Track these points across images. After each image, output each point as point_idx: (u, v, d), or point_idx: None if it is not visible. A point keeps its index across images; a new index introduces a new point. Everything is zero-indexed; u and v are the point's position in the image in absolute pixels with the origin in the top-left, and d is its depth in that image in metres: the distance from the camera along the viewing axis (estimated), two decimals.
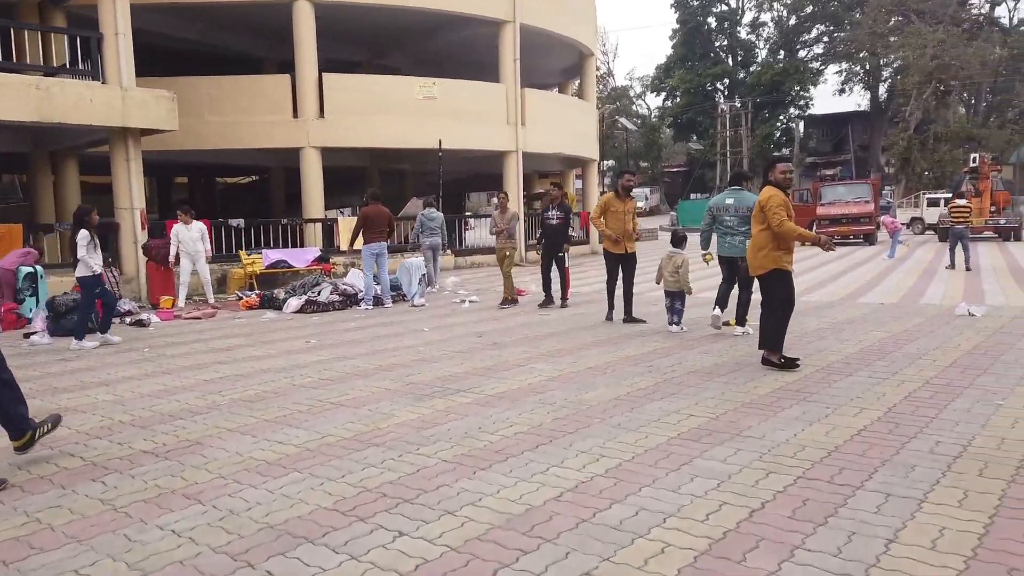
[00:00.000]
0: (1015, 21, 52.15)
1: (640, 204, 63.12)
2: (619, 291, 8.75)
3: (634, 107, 71.89)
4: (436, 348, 7.25)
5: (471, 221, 24.92)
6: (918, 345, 6.68)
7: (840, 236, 24.63)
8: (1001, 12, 52.93)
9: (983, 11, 51.84)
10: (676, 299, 7.89)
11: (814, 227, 24.81)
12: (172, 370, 6.50)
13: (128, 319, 9.60)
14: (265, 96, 16.59)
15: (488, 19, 18.59)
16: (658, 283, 8.22)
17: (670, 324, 7.88)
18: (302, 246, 16.01)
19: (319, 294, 10.14)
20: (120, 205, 12.93)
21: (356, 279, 10.85)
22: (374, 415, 4.77)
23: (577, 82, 26.69)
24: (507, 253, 10.64)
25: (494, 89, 18.94)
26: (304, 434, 4.37)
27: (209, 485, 3.56)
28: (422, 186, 31.57)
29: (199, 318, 9.87)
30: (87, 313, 8.04)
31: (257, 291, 11.94)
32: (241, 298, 11.47)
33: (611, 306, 8.81)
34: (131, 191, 13.30)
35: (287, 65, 17.35)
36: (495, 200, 20.69)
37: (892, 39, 49.05)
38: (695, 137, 65.38)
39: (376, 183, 23.78)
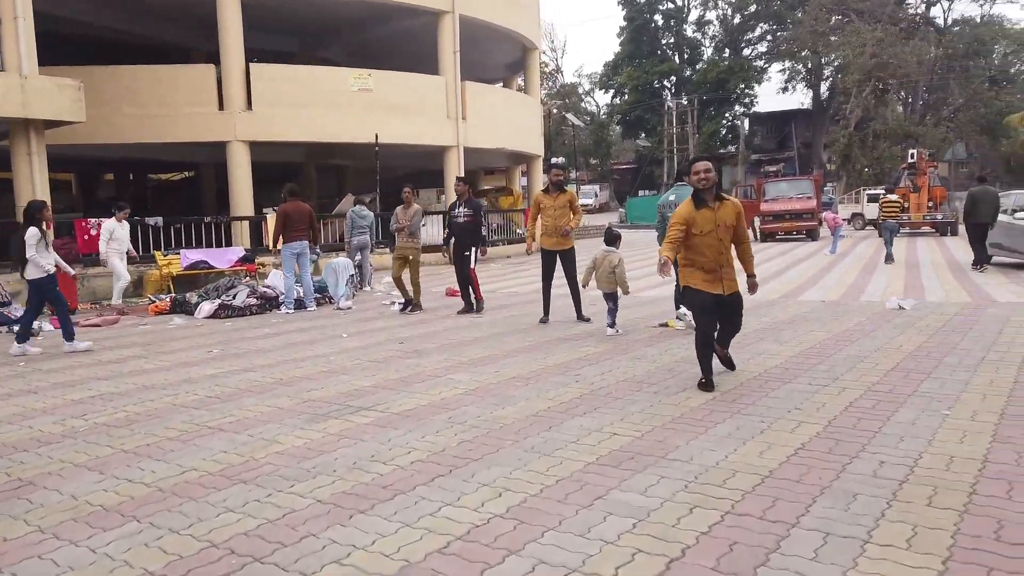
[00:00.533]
0: (949, 21, 53.75)
1: (588, 201, 63.14)
2: (564, 291, 8.30)
3: (583, 104, 71.93)
4: (350, 357, 6.64)
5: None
6: (860, 347, 6.34)
7: (783, 232, 24.73)
8: (936, 12, 54.31)
9: (919, 11, 53.22)
10: (610, 299, 7.45)
11: (757, 223, 24.86)
12: (40, 388, 5.74)
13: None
14: (188, 87, 15.66)
15: (426, 9, 17.95)
16: (584, 285, 7.80)
17: (609, 327, 7.44)
18: (230, 245, 15.15)
19: (234, 297, 9.40)
20: (23, 203, 11.95)
21: (277, 281, 10.14)
22: (253, 442, 4.15)
23: (523, 77, 26.20)
24: (409, 255, 9.52)
25: (433, 82, 18.31)
26: (163, 468, 3.74)
27: (16, 544, 2.91)
28: (363, 182, 30.70)
29: (98, 325, 9.03)
30: (31, 318, 7.48)
31: (172, 294, 11.12)
32: (153, 302, 10.64)
33: (546, 308, 8.34)
34: (34, 187, 12.33)
35: (218, 56, 16.47)
36: (446, 195, 20.06)
37: (833, 38, 49.92)
38: (643, 134, 65.70)
39: (313, 179, 22.97)
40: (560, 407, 4.69)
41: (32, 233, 7.27)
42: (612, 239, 7.55)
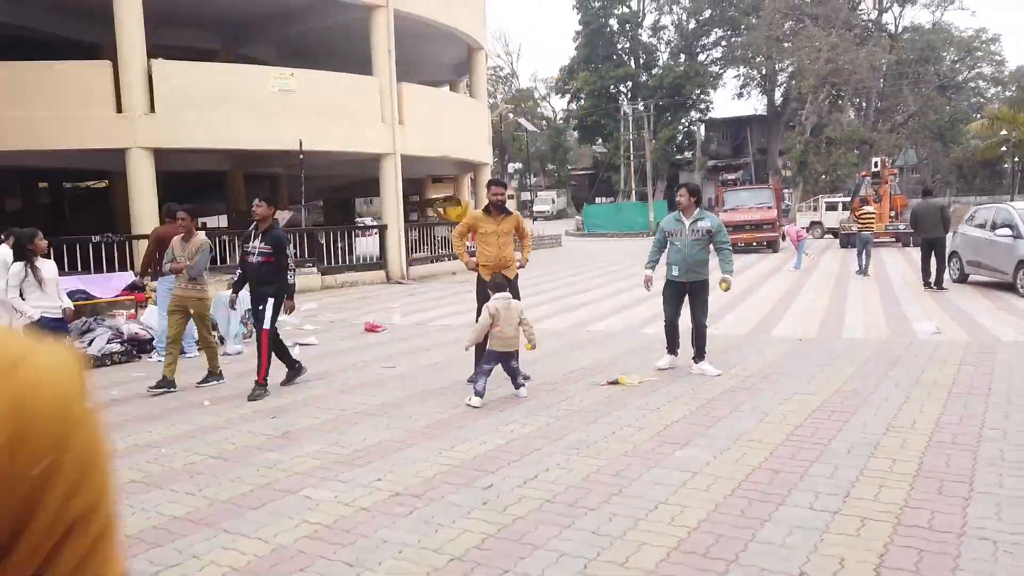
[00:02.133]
0: (900, 28, 53.98)
1: (545, 208, 61.99)
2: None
3: (539, 109, 70.80)
4: (189, 446, 5.00)
5: (357, 232, 22.47)
6: (865, 427, 4.97)
7: (744, 243, 23.67)
8: (888, 19, 54.55)
9: (871, 17, 53.35)
10: (512, 359, 5.91)
11: None
12: None
13: None
14: (80, 87, 13.76)
15: (357, 2, 16.32)
16: (467, 348, 6.20)
17: (522, 386, 5.97)
18: (130, 268, 13.29)
19: (90, 344, 7.66)
20: None
21: (153, 319, 8.42)
22: None
23: (470, 80, 24.69)
24: (191, 307, 6.65)
25: (366, 83, 16.68)
26: None
27: None
28: (309, 191, 28.91)
29: None
30: None
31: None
32: None
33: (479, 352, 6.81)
34: None
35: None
36: (383, 208, 18.32)
37: (787, 44, 49.63)
38: (600, 140, 64.81)
39: (240, 190, 21.12)
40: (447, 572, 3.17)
41: (16, 271, 5.77)
42: (500, 286, 5.96)
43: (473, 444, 4.67)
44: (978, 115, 55.99)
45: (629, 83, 61.97)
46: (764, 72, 57.55)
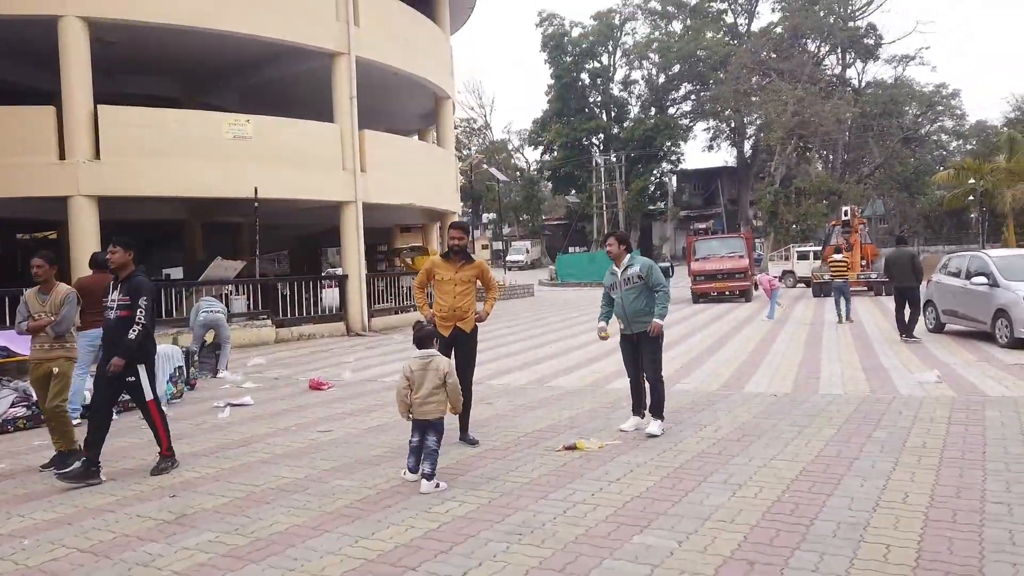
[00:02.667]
0: (863, 84, 55.39)
1: (520, 258, 61.72)
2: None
3: (513, 161, 71.25)
4: (37, 554, 4.25)
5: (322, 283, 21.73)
6: (853, 503, 4.36)
7: (716, 292, 23.32)
8: (851, 74, 56.01)
9: (836, 72, 54.73)
10: (431, 431, 4.84)
11: (690, 282, 23.47)
12: None
13: None
14: (20, 132, 13.12)
15: (318, 50, 15.98)
16: (406, 417, 4.93)
17: (427, 479, 4.74)
18: None
19: None
20: None
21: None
22: None
23: (437, 128, 24.44)
24: (53, 368, 5.59)
25: (326, 130, 16.22)
26: None
27: None
28: (266, 241, 28.20)
29: None
30: None
31: None
32: None
33: None
34: None
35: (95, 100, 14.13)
36: (342, 258, 17.68)
37: (754, 98, 50.60)
38: (573, 190, 65.16)
39: (198, 239, 20.39)
40: None
41: None
42: (425, 339, 5.03)
43: (397, 529, 3.97)
44: (941, 167, 57.45)
45: (601, 135, 62.72)
46: (733, 125, 58.58)
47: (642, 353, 6.06)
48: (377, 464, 5.37)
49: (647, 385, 6.12)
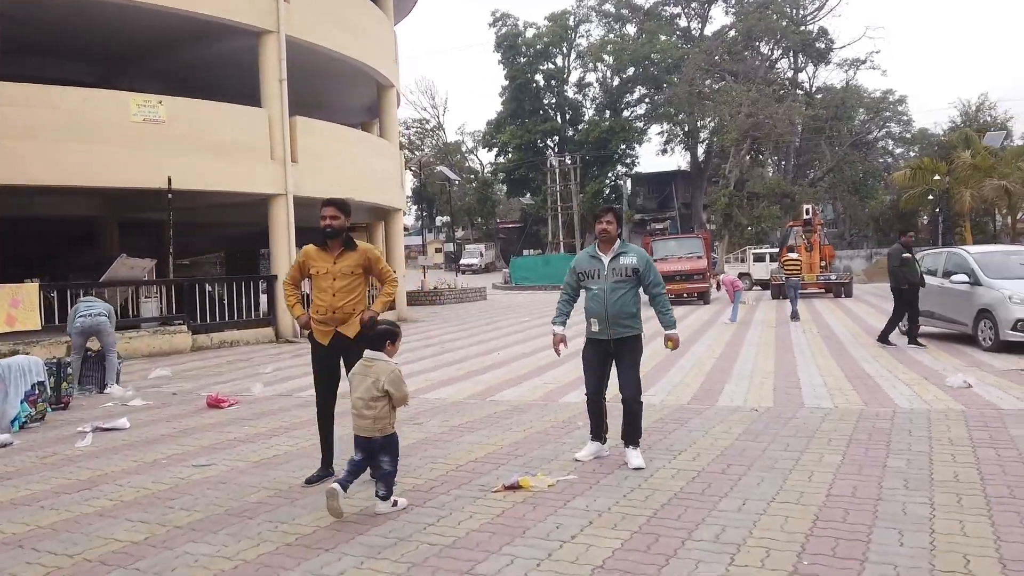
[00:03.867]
0: (814, 88, 55.69)
1: (473, 261, 60.34)
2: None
3: (467, 163, 69.94)
4: None
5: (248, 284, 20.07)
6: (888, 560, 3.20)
7: (674, 294, 22.37)
8: (803, 78, 56.30)
9: (788, 76, 54.93)
10: (380, 452, 3.99)
11: None
12: None
13: None
14: None
15: (244, 27, 14.45)
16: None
17: (383, 499, 4.01)
18: None
19: None
20: None
21: None
22: None
23: (380, 119, 23.01)
24: None
25: (253, 115, 14.71)
26: None
27: None
28: (190, 241, 26.28)
29: None
30: None
31: None
32: None
33: (326, 449, 4.76)
34: None
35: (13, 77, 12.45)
36: (271, 259, 16.12)
37: (707, 102, 50.32)
38: (528, 193, 64.15)
39: (115, 239, 18.57)
40: None
41: None
42: (382, 337, 4.08)
43: None
44: (887, 172, 58.21)
45: (556, 137, 61.88)
46: (687, 128, 58.36)
47: (619, 365, 4.79)
48: (251, 517, 4.02)
49: (622, 403, 4.80)
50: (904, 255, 10.83)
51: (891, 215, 53.02)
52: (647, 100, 61.80)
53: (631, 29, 60.85)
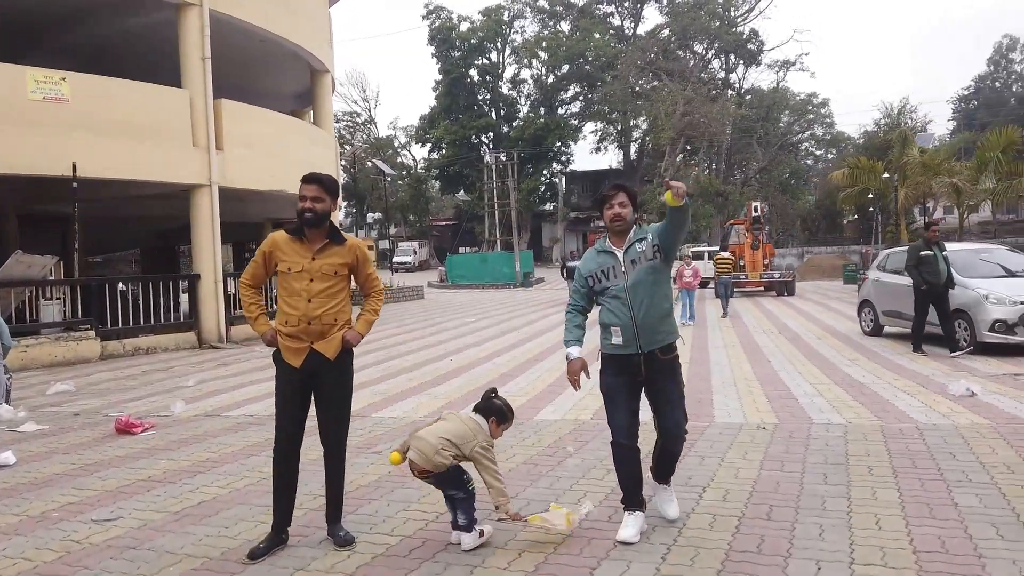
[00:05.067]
0: (743, 89, 56.61)
1: (407, 259, 58.81)
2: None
3: (399, 158, 68.28)
4: None
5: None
6: None
7: None
8: (733, 79, 57.14)
9: (720, 76, 55.66)
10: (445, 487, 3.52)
11: None
12: None
13: None
14: None
15: None
16: None
17: (465, 531, 3.45)
18: None
19: None
20: None
21: None
22: None
23: (314, 106, 21.59)
24: None
25: (172, 96, 13.24)
26: None
27: None
28: (119, 236, 24.30)
29: None
30: None
31: None
32: None
33: (280, 507, 3.60)
34: None
35: None
36: (192, 257, 14.55)
37: (639, 102, 50.43)
38: (463, 190, 63.06)
39: (13, 235, 16.62)
40: None
41: None
42: (493, 412, 3.68)
43: None
44: (810, 172, 59.87)
45: (491, 133, 61.04)
46: (620, 127, 58.49)
47: (659, 393, 3.64)
48: None
49: (658, 439, 3.76)
50: (923, 252, 9.50)
51: (817, 214, 54.50)
52: (582, 98, 61.68)
53: (565, 26, 60.57)
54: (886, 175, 26.24)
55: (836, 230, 54.16)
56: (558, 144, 59.41)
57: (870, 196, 29.46)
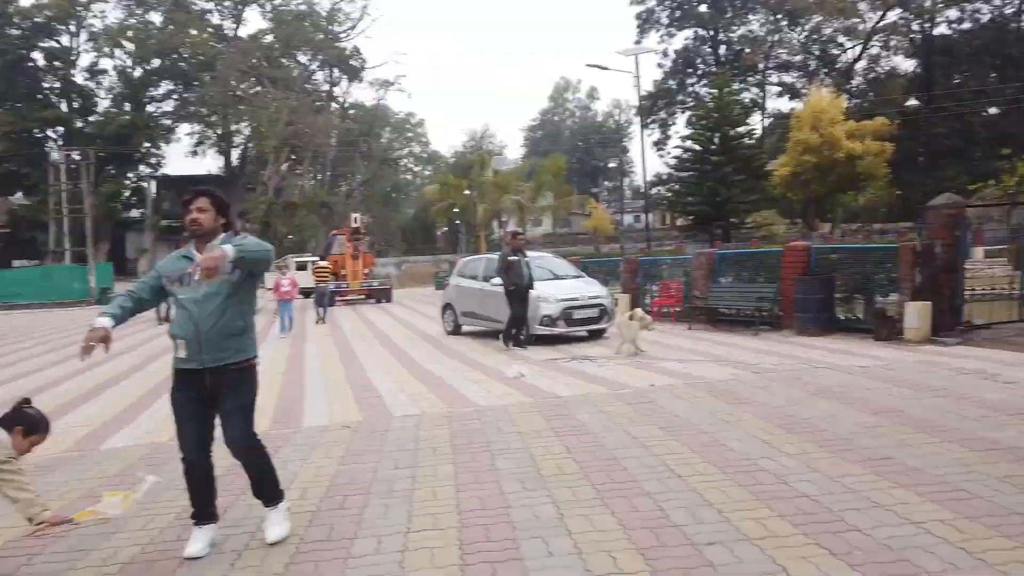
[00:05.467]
0: (347, 104, 58.34)
1: None
2: None
3: None
4: None
5: None
6: None
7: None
8: (337, 92, 58.41)
9: (324, 88, 56.40)
10: None
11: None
12: None
13: None
14: None
15: None
16: None
17: None
18: None
19: None
20: None
21: None
22: None
23: None
24: None
25: None
26: None
27: None
28: None
29: None
30: None
31: None
32: None
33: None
34: None
35: None
36: None
37: (241, 107, 48.61)
38: (21, 192, 52.99)
39: None
40: None
41: None
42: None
43: None
44: (410, 187, 64.47)
45: (61, 128, 52.55)
46: (221, 132, 55.46)
47: (223, 407, 3.47)
48: None
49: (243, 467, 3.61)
50: (510, 258, 10.68)
51: (415, 226, 58.75)
52: (176, 96, 56.85)
53: (157, 17, 55.21)
54: (468, 192, 29.56)
55: (431, 241, 59.05)
56: (147, 144, 53.90)
57: (456, 210, 32.79)
